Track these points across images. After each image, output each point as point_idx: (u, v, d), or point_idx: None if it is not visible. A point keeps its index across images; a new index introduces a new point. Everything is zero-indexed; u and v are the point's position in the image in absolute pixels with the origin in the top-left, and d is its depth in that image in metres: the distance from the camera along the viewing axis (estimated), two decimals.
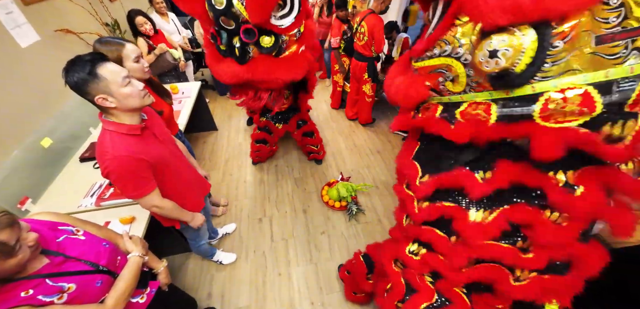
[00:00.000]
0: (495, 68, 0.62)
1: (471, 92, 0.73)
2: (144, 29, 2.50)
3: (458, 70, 0.73)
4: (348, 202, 2.42)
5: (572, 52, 0.56)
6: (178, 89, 2.64)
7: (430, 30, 0.80)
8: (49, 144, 1.76)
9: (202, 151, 3.16)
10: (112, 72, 0.94)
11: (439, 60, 0.76)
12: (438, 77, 0.79)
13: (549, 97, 0.60)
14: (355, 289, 1.72)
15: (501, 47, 0.59)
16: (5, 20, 1.64)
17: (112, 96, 0.94)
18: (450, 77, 0.77)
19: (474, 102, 0.73)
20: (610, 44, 0.55)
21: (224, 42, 1.35)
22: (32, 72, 1.79)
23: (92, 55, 0.93)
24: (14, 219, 0.69)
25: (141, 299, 1.06)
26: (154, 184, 1.11)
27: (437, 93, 0.83)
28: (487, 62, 0.62)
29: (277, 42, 1.40)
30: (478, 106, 0.72)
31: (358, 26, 2.87)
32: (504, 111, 0.67)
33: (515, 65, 0.59)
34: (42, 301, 0.73)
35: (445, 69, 0.76)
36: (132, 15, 2.47)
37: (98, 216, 1.45)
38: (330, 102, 4.03)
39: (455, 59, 0.72)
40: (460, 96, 0.76)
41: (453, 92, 0.78)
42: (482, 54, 0.63)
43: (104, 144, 0.98)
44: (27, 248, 0.71)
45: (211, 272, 2.01)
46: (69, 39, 2.17)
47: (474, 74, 0.70)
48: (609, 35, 0.54)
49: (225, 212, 2.44)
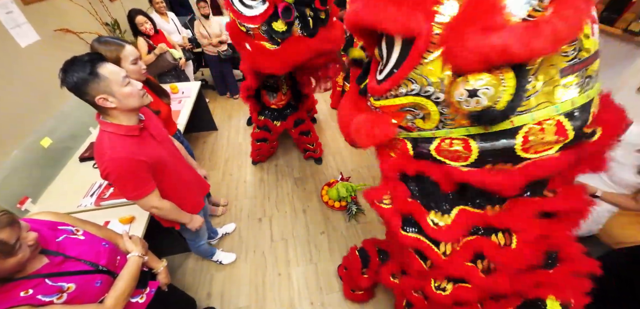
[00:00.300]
0: (476, 107, 0.61)
1: (444, 128, 0.71)
2: (144, 29, 2.50)
3: (429, 108, 0.70)
4: (348, 202, 2.42)
5: (545, 85, 0.59)
6: (178, 88, 2.64)
7: (388, 69, 0.74)
8: (48, 144, 1.76)
9: (202, 151, 3.16)
10: (112, 71, 0.94)
11: (407, 99, 0.72)
12: (406, 115, 0.77)
13: (529, 130, 0.61)
14: (353, 286, 1.72)
15: (481, 86, 0.58)
16: (5, 19, 1.64)
17: (113, 96, 0.94)
18: (421, 115, 0.74)
19: (448, 137, 0.71)
20: (571, 74, 0.58)
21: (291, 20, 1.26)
22: (31, 72, 1.79)
23: (90, 55, 0.93)
24: (14, 218, 0.69)
25: (141, 299, 1.06)
26: (153, 185, 1.11)
27: (405, 130, 0.80)
28: (467, 101, 0.61)
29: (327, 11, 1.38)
30: (453, 142, 0.70)
31: None
32: (485, 146, 0.67)
33: (497, 103, 0.59)
34: (42, 301, 0.73)
35: (414, 107, 0.73)
36: (133, 14, 2.46)
37: (98, 216, 1.46)
38: (330, 102, 4.03)
39: (425, 97, 0.69)
40: (432, 132, 0.74)
41: (424, 129, 0.75)
42: (459, 93, 0.61)
43: (102, 146, 0.98)
44: (26, 247, 0.71)
45: (211, 272, 2.01)
46: (68, 39, 2.17)
47: (449, 112, 0.68)
48: (568, 69, 0.58)
49: (225, 212, 2.44)
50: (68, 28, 2.14)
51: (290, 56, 1.32)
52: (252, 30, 1.32)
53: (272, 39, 1.30)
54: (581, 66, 0.58)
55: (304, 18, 1.28)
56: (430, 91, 0.67)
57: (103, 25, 2.70)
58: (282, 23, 1.25)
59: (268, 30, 1.28)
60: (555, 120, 0.60)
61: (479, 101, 0.59)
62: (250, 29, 1.32)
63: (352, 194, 2.44)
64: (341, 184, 2.48)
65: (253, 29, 1.30)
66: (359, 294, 1.74)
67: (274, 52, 1.32)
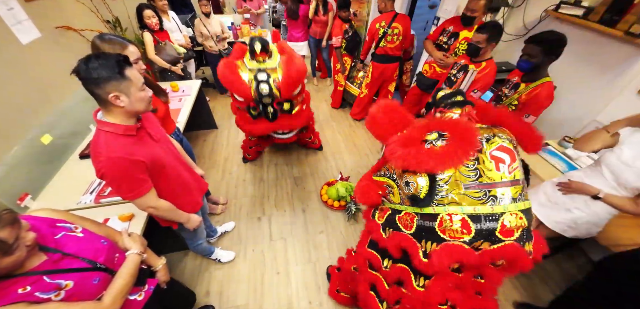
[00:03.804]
0: (409, 192, 0.99)
1: (403, 205, 1.07)
2: (149, 22, 2.60)
3: (394, 188, 1.11)
4: (347, 201, 2.42)
5: (453, 191, 0.88)
6: (178, 86, 2.65)
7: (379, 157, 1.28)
8: (49, 141, 1.76)
9: (202, 149, 3.16)
10: (135, 76, 0.98)
11: (384, 178, 1.18)
12: (386, 190, 1.17)
13: (442, 218, 0.90)
14: (342, 289, 1.72)
15: (411, 180, 0.97)
16: (6, 16, 1.64)
17: (126, 97, 0.95)
18: (392, 192, 1.13)
19: (406, 212, 1.05)
20: (474, 190, 0.86)
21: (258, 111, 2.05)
22: (32, 69, 1.79)
23: (118, 56, 0.94)
24: (16, 217, 0.69)
25: (139, 297, 1.07)
26: (149, 185, 1.10)
27: (388, 201, 1.18)
28: (404, 187, 1.02)
29: (292, 105, 2.10)
30: (408, 215, 1.03)
31: (388, 28, 2.81)
32: (420, 222, 0.98)
33: (419, 193, 0.95)
34: (39, 298, 0.74)
35: (389, 185, 1.14)
36: (143, 7, 2.59)
37: (97, 213, 1.46)
38: (331, 102, 4.03)
39: (392, 180, 1.12)
40: (399, 206, 1.09)
41: (394, 202, 1.12)
42: (402, 182, 1.03)
43: (98, 145, 0.97)
44: (24, 247, 0.71)
45: (209, 270, 2.01)
46: (69, 36, 2.17)
47: (401, 193, 1.06)
48: (472, 185, 0.87)
49: (224, 211, 2.44)
50: (69, 25, 2.13)
51: (258, 129, 2.18)
52: (240, 106, 2.11)
53: (251, 115, 2.11)
54: (482, 187, 0.86)
55: (265, 112, 2.07)
56: (394, 177, 1.11)
57: (104, 23, 2.70)
58: (254, 111, 2.06)
59: (248, 109, 2.07)
60: (461, 217, 0.87)
61: (409, 189, 0.98)
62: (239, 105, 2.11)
63: (351, 193, 2.44)
64: (341, 184, 2.48)
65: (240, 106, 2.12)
66: (343, 297, 1.74)
67: (251, 122, 2.17)
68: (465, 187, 0.87)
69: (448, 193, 0.89)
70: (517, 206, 0.86)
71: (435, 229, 0.92)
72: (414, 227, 1.00)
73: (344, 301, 1.75)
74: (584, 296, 1.44)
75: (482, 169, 0.86)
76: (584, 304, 1.43)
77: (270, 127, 2.15)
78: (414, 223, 1.00)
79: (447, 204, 0.89)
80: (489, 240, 0.87)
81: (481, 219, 0.86)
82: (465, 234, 0.87)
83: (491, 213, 0.85)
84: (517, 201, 0.86)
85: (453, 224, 0.88)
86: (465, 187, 0.87)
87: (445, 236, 0.91)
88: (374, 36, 2.95)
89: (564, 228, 1.52)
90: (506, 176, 0.86)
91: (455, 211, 0.88)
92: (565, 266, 2.07)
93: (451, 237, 0.90)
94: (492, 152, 0.88)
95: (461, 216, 0.87)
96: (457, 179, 0.88)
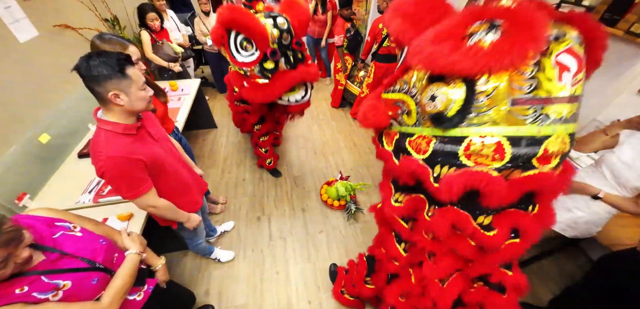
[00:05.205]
0: (433, 110, 0.77)
1: (420, 126, 0.87)
2: (152, 24, 2.62)
3: (411, 106, 0.89)
4: (347, 201, 2.41)
5: (493, 107, 0.68)
6: (177, 86, 2.64)
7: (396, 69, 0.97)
8: (47, 140, 1.75)
9: (202, 149, 3.15)
10: (136, 74, 0.97)
11: (398, 95, 0.94)
12: (398, 109, 0.96)
13: (471, 141, 0.73)
14: (348, 290, 1.70)
15: (438, 93, 0.74)
16: (3, 14, 1.63)
17: (126, 96, 0.95)
18: (406, 111, 0.92)
19: (420, 135, 0.87)
20: (522, 106, 0.66)
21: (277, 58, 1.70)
22: (30, 68, 1.78)
23: (119, 54, 0.94)
24: (12, 238, 0.67)
25: (138, 297, 1.06)
26: (149, 184, 1.10)
27: (397, 122, 0.99)
28: (428, 103, 0.78)
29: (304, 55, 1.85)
30: (423, 139, 0.85)
31: None
32: (438, 146, 0.80)
33: (448, 111, 0.73)
34: (37, 299, 0.73)
35: (402, 103, 0.93)
36: (147, 8, 2.58)
37: (96, 213, 1.45)
38: (331, 101, 4.02)
39: (410, 96, 0.89)
40: (412, 128, 0.91)
41: (407, 123, 0.93)
42: (426, 96, 0.79)
43: (98, 144, 0.97)
44: (12, 264, 0.69)
45: (209, 269, 2.01)
46: (67, 35, 2.15)
47: (420, 111, 0.85)
48: (522, 100, 0.66)
49: (224, 210, 2.43)
50: (67, 24, 2.12)
51: (278, 86, 1.76)
52: (249, 71, 1.76)
53: (264, 75, 1.75)
54: (534, 103, 0.65)
55: (286, 56, 1.73)
56: (413, 92, 0.87)
57: (102, 22, 2.68)
58: (270, 62, 1.70)
59: (261, 69, 1.73)
60: (497, 139, 0.69)
61: (435, 105, 0.76)
62: (247, 71, 1.76)
63: (351, 193, 2.44)
64: (340, 183, 2.48)
65: (249, 70, 1.76)
66: (347, 299, 1.72)
67: (266, 85, 1.77)
68: (512, 103, 0.66)
69: (487, 110, 0.68)
70: (567, 128, 0.68)
71: (458, 153, 0.75)
72: (429, 151, 0.82)
73: (347, 302, 1.75)
74: (583, 295, 1.44)
75: (542, 78, 0.64)
76: (584, 303, 1.43)
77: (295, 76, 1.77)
78: (430, 147, 0.82)
79: (483, 124, 0.70)
80: (523, 167, 0.70)
81: (521, 142, 0.68)
82: (497, 159, 0.70)
83: (536, 136, 0.67)
84: (568, 122, 0.68)
85: (484, 148, 0.70)
86: (512, 103, 0.66)
87: (468, 162, 0.74)
88: (376, 36, 2.92)
89: (564, 228, 1.52)
90: (567, 89, 0.65)
91: (491, 133, 0.69)
92: (565, 265, 2.07)
93: (477, 163, 0.73)
94: (558, 57, 0.64)
95: (498, 138, 0.69)
96: (504, 92, 0.66)
